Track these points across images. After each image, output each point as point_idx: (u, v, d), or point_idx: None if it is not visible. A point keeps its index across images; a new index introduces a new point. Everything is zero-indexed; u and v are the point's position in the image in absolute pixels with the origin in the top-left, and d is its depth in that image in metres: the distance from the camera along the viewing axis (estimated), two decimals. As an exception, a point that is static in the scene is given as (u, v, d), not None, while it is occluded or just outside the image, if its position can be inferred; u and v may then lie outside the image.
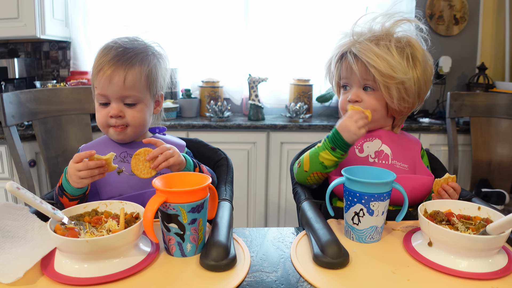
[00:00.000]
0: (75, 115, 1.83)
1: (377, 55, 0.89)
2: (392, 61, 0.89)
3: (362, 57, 0.90)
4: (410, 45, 0.92)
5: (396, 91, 0.91)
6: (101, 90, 0.89)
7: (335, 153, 0.89)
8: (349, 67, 0.95)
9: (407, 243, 0.74)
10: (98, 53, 0.91)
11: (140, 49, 0.92)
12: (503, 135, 2.10)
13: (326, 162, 0.90)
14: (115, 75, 0.88)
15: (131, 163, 0.83)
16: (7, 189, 0.61)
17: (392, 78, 0.89)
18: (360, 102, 0.96)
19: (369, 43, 0.91)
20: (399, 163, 0.96)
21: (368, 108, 0.93)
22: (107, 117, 0.91)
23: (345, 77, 0.98)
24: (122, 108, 0.90)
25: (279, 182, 2.20)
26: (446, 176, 0.86)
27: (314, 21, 2.40)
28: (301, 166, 0.96)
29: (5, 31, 2.09)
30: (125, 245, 0.65)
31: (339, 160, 0.90)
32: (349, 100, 0.97)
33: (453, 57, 2.44)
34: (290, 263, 0.70)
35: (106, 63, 0.88)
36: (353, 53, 0.93)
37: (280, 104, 2.45)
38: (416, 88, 0.93)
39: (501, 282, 0.63)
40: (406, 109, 0.96)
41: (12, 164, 1.86)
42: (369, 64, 0.90)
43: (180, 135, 1.37)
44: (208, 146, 1.14)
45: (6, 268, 0.62)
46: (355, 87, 0.97)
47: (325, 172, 0.92)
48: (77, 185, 0.81)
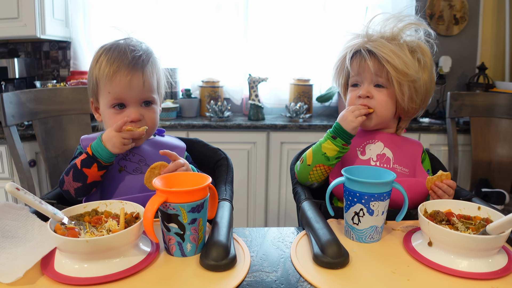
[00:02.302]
0: (75, 115, 1.83)
1: (393, 51, 0.90)
2: (406, 58, 0.90)
3: (378, 52, 0.91)
4: (420, 49, 0.94)
5: (408, 89, 0.92)
6: (117, 94, 0.89)
7: (336, 141, 0.91)
8: (361, 64, 0.95)
9: (407, 243, 0.74)
10: (105, 57, 0.89)
11: (146, 50, 0.93)
12: (503, 135, 2.10)
13: (329, 153, 0.91)
14: (134, 79, 0.89)
15: (145, 175, 0.83)
16: (6, 190, 0.61)
17: (406, 75, 0.91)
18: (371, 98, 0.96)
19: (384, 41, 0.92)
20: (400, 167, 0.96)
21: (379, 105, 0.95)
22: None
23: (356, 74, 0.98)
24: (140, 110, 0.92)
25: (279, 182, 2.20)
26: (439, 173, 0.86)
27: (314, 21, 2.40)
28: (303, 161, 0.97)
29: (5, 31, 2.09)
30: (125, 245, 0.65)
31: (341, 151, 0.92)
32: (359, 96, 0.97)
33: (453, 57, 2.44)
34: (290, 263, 0.70)
35: (123, 69, 0.88)
36: (367, 50, 0.93)
37: (280, 104, 2.45)
38: (424, 91, 0.95)
39: (501, 282, 0.63)
40: (412, 109, 0.97)
41: (12, 164, 1.86)
42: (384, 59, 0.90)
43: (180, 135, 1.37)
44: (208, 146, 1.14)
45: (6, 268, 0.62)
46: (366, 84, 0.97)
47: (328, 164, 0.93)
48: (119, 151, 0.86)
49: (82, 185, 0.87)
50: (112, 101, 0.90)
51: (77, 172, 0.86)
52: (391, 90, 0.94)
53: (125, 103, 0.91)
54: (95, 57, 0.92)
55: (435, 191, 0.86)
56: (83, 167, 0.86)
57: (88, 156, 0.86)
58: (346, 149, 0.92)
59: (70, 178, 0.87)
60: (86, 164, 0.86)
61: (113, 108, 0.91)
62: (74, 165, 0.87)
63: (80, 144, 0.96)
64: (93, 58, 0.93)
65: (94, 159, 0.86)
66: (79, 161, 0.87)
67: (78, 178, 0.86)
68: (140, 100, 0.92)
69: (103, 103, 0.93)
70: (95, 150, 0.86)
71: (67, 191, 0.88)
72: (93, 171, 0.86)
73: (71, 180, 0.87)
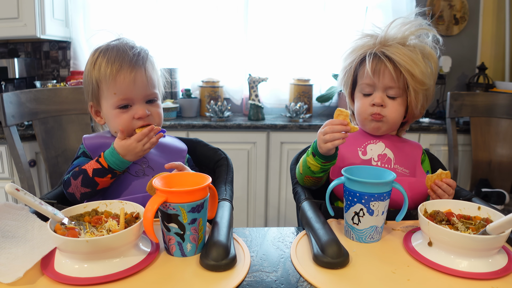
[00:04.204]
0: (75, 115, 1.83)
1: (412, 59, 0.89)
2: (423, 67, 0.90)
3: (398, 59, 0.89)
4: (431, 56, 0.93)
5: (422, 97, 0.93)
6: (124, 94, 0.89)
7: (315, 159, 0.88)
8: (377, 70, 0.92)
9: (407, 243, 0.74)
10: (103, 58, 0.88)
11: (142, 48, 0.93)
12: (503, 135, 2.10)
13: (312, 167, 0.90)
14: (138, 76, 0.89)
15: (148, 184, 0.82)
16: (6, 191, 0.61)
17: (423, 84, 0.91)
18: (384, 107, 0.94)
19: (400, 46, 0.90)
20: (400, 168, 0.96)
21: (392, 114, 0.94)
22: (131, 120, 0.90)
23: (369, 79, 0.94)
24: (146, 107, 0.92)
25: (279, 182, 2.19)
26: (439, 172, 0.86)
27: (314, 21, 2.40)
28: (298, 167, 0.97)
29: (5, 31, 2.09)
30: (125, 245, 0.65)
31: (323, 167, 0.89)
32: (374, 104, 0.94)
33: (453, 57, 2.44)
34: (290, 263, 0.70)
35: (126, 66, 0.87)
36: (385, 55, 0.90)
37: (280, 104, 2.45)
38: (432, 97, 0.96)
39: (501, 282, 0.63)
40: (420, 115, 0.98)
41: (12, 164, 1.86)
42: (404, 68, 0.89)
43: (180, 135, 1.37)
44: (208, 146, 1.13)
45: (6, 268, 0.62)
46: (380, 91, 0.94)
47: (314, 177, 0.92)
48: (137, 158, 0.88)
49: (91, 191, 0.87)
50: (119, 102, 0.89)
51: (87, 179, 0.86)
52: (404, 98, 0.94)
53: (130, 103, 0.90)
54: (91, 60, 0.90)
55: (435, 190, 0.86)
56: (95, 176, 0.85)
57: (103, 168, 0.85)
58: (327, 166, 0.89)
59: (78, 183, 0.86)
60: (99, 174, 0.86)
61: (119, 108, 0.90)
62: (84, 172, 0.86)
63: (82, 144, 0.95)
64: (88, 62, 0.91)
65: (110, 171, 0.86)
66: (91, 169, 0.86)
67: (88, 185, 0.86)
68: (145, 98, 0.92)
69: (107, 105, 0.91)
70: (113, 163, 0.86)
71: (72, 194, 0.88)
72: (105, 180, 0.86)
73: (79, 185, 0.86)
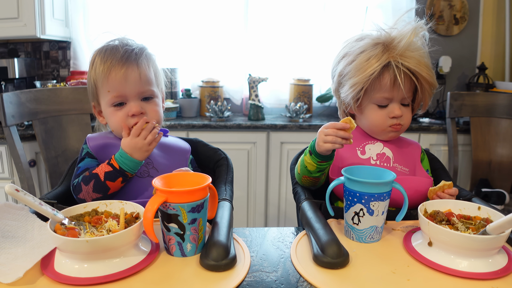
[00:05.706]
0: (75, 115, 1.83)
1: (426, 67, 0.90)
2: (432, 70, 0.91)
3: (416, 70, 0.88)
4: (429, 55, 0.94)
5: (429, 99, 0.95)
6: (117, 91, 0.89)
7: (312, 157, 0.88)
8: (397, 83, 0.89)
9: (407, 243, 0.74)
10: (99, 57, 0.90)
11: (138, 45, 0.93)
12: (503, 135, 2.10)
13: (308, 166, 0.90)
14: (130, 72, 0.88)
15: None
16: (6, 191, 0.61)
17: (436, 87, 0.93)
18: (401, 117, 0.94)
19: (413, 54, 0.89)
20: (400, 166, 0.96)
21: (408, 120, 0.96)
22: (126, 118, 0.90)
23: (388, 93, 0.92)
24: (141, 104, 0.91)
25: (279, 182, 2.19)
26: (442, 184, 0.86)
27: (314, 21, 2.40)
28: (296, 167, 0.97)
29: (5, 31, 2.09)
30: (125, 245, 0.65)
31: (319, 167, 0.88)
32: (395, 116, 0.93)
33: (453, 57, 2.44)
34: (290, 263, 0.70)
35: (116, 63, 0.88)
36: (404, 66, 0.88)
37: (280, 104, 2.45)
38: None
39: (501, 282, 0.63)
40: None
41: (12, 164, 1.86)
42: (423, 77, 0.89)
43: (180, 135, 1.37)
44: (208, 146, 1.13)
45: (6, 268, 0.62)
46: (397, 102, 0.94)
47: (311, 176, 0.92)
48: (148, 153, 0.87)
49: (102, 196, 0.87)
50: (113, 99, 0.90)
51: (99, 184, 0.86)
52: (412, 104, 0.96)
53: (124, 100, 0.90)
54: (90, 62, 0.93)
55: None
56: (106, 179, 0.85)
57: (115, 170, 0.85)
58: (324, 165, 0.89)
59: (89, 189, 0.86)
60: (111, 177, 0.85)
61: (113, 106, 0.91)
62: (95, 176, 0.86)
63: (85, 144, 0.95)
64: (89, 63, 0.93)
65: (121, 173, 0.86)
66: (102, 173, 0.86)
67: (100, 190, 0.86)
68: (140, 95, 0.91)
69: (104, 103, 0.92)
70: (123, 163, 0.86)
71: (83, 200, 0.87)
72: (116, 184, 0.86)
73: (90, 191, 0.86)
